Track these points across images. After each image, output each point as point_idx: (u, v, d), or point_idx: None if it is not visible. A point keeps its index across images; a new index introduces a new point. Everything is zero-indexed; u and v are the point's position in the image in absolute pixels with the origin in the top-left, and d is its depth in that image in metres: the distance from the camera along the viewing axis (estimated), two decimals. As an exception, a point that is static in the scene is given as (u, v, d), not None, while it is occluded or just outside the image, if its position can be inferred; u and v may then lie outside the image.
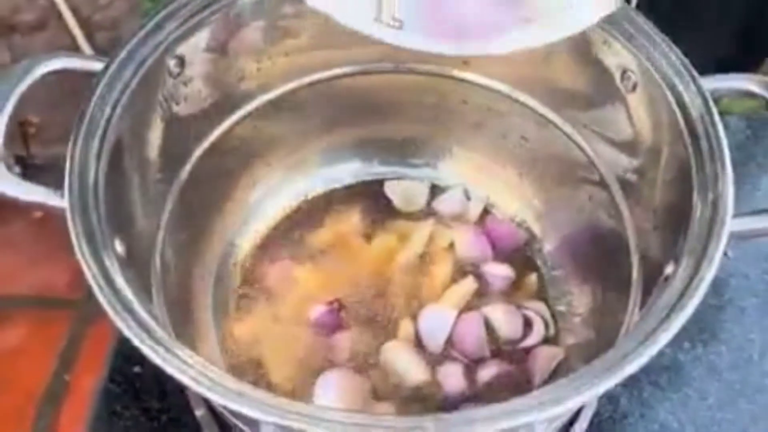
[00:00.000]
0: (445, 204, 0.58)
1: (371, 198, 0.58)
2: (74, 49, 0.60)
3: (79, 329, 0.57)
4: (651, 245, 0.43)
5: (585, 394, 0.31)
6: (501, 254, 0.55)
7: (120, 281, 0.36)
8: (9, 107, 0.40)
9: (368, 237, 0.56)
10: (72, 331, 0.56)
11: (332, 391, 0.48)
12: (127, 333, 0.34)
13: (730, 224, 0.36)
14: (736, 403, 0.52)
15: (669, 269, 0.37)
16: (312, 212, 0.58)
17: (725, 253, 0.35)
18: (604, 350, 0.34)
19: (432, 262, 0.55)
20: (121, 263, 0.37)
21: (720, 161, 0.38)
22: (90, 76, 0.42)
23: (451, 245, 0.55)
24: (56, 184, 0.38)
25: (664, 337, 0.32)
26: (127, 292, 0.36)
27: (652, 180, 0.43)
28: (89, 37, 0.60)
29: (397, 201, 0.58)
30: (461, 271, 0.54)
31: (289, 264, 0.55)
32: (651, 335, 0.32)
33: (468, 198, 0.58)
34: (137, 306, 0.35)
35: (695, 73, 0.41)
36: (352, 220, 0.57)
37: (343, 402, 0.47)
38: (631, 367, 0.32)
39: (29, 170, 0.58)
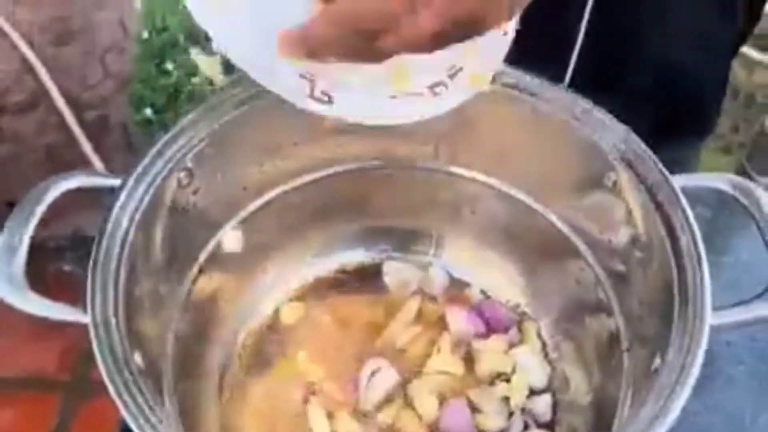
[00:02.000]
0: (438, 287, 0.60)
1: (368, 283, 0.61)
2: (63, 128, 0.61)
3: (69, 411, 0.58)
4: (640, 335, 0.46)
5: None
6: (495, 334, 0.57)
7: (140, 394, 0.38)
8: (30, 228, 0.42)
9: (365, 317, 0.58)
10: (63, 412, 0.58)
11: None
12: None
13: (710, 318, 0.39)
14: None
15: (657, 362, 0.39)
16: (312, 293, 0.60)
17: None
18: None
19: (420, 336, 0.57)
20: (140, 374, 0.39)
21: (697, 260, 0.41)
22: (101, 192, 0.45)
23: (439, 319, 0.57)
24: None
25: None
26: (145, 403, 0.38)
27: (637, 272, 0.46)
28: (78, 116, 0.62)
29: (390, 282, 0.60)
30: (455, 347, 0.56)
31: (289, 343, 0.57)
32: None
33: (461, 282, 0.60)
34: (155, 420, 0.37)
35: (665, 172, 0.44)
36: (350, 305, 0.59)
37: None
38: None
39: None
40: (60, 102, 0.61)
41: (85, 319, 0.40)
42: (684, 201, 0.43)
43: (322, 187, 0.57)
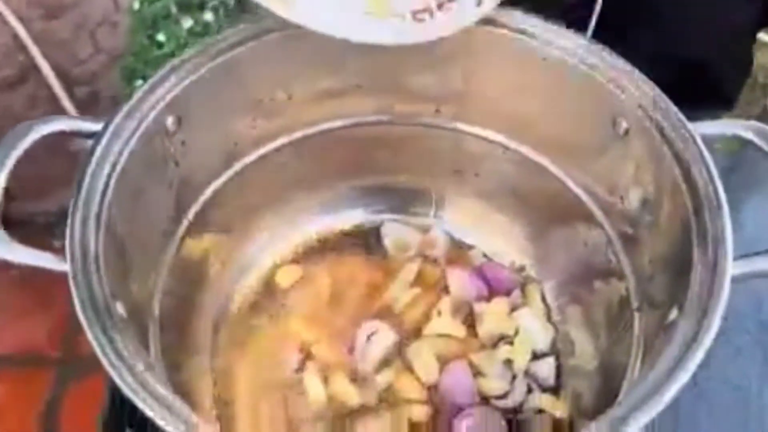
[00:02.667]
0: (439, 249, 0.58)
1: (367, 245, 0.59)
2: (54, 103, 0.60)
3: (61, 387, 0.56)
4: (651, 291, 0.43)
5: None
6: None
7: (122, 344, 0.36)
8: (5, 172, 0.40)
9: (363, 280, 0.56)
10: (54, 388, 0.56)
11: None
12: (138, 402, 0.33)
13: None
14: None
15: (672, 315, 0.37)
16: (309, 255, 0.58)
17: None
18: (609, 401, 0.33)
19: (420, 299, 0.55)
20: (123, 324, 0.37)
21: (717, 207, 0.38)
22: (81, 138, 0.43)
23: (439, 282, 0.55)
24: (32, 241, 0.38)
25: (674, 388, 0.32)
26: (131, 355, 0.35)
27: (650, 227, 0.44)
28: (69, 91, 0.60)
29: (389, 244, 0.58)
30: (456, 310, 0.54)
31: (284, 306, 0.55)
32: (659, 388, 0.32)
33: (463, 244, 0.58)
34: (143, 371, 0.35)
35: (683, 119, 0.42)
36: (348, 266, 0.57)
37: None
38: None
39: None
40: (50, 77, 0.59)
41: (66, 266, 0.37)
42: (702, 145, 0.40)
43: (319, 143, 0.55)
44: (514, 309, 0.54)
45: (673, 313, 0.37)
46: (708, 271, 0.36)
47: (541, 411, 0.50)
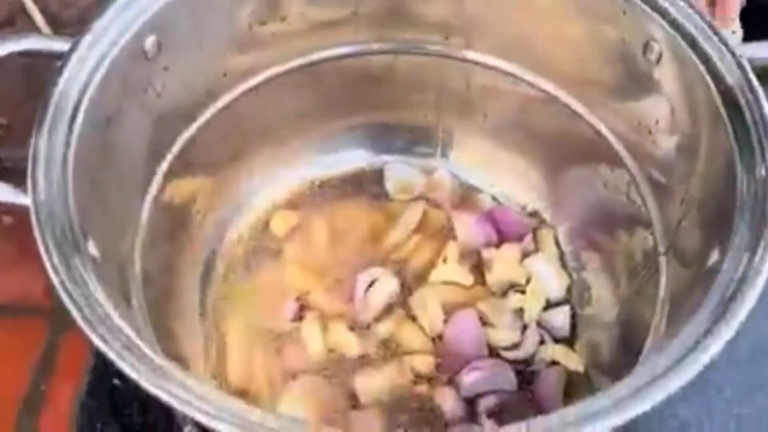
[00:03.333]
0: (444, 193, 0.55)
1: (368, 188, 0.55)
2: None
3: (55, 338, 0.54)
4: (681, 235, 0.39)
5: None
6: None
7: (93, 287, 0.32)
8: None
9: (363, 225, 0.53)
10: (48, 339, 0.54)
11: (306, 398, 0.45)
12: (102, 348, 0.30)
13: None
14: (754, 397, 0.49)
15: (713, 259, 0.33)
16: (306, 200, 0.55)
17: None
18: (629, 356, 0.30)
19: (424, 244, 0.52)
20: (96, 266, 0.33)
21: (764, 129, 0.34)
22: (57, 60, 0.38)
23: (445, 227, 0.52)
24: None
25: (726, 333, 0.28)
26: (102, 299, 0.32)
27: (684, 161, 0.40)
28: (57, 34, 0.57)
29: (391, 187, 0.55)
30: (463, 257, 0.51)
31: (279, 254, 0.52)
32: (709, 332, 0.28)
33: (471, 187, 0.55)
34: (114, 316, 0.31)
35: (728, 40, 0.37)
36: (347, 211, 0.54)
37: (318, 410, 0.44)
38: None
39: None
40: (39, 20, 0.56)
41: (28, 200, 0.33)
42: (750, 70, 0.35)
43: (315, 75, 0.50)
44: (525, 255, 0.51)
45: (714, 257, 0.33)
46: (757, 206, 0.32)
47: (554, 363, 0.47)
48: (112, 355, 0.29)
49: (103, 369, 0.49)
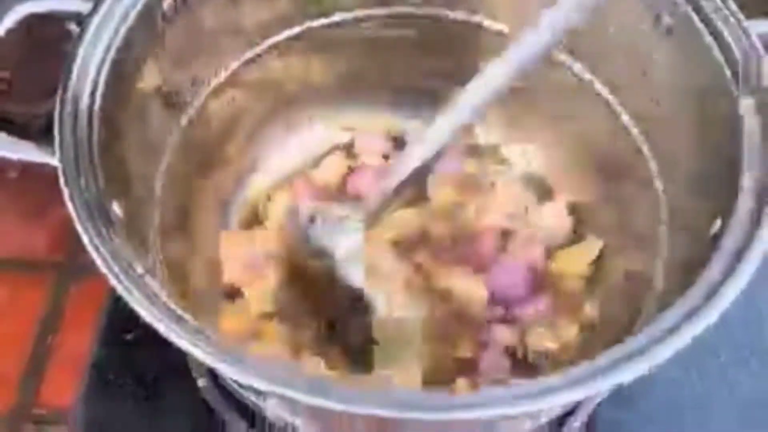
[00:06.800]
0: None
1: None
2: None
3: (61, 291, 0.55)
4: (685, 199, 0.41)
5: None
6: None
7: (118, 243, 0.33)
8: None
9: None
10: (54, 293, 0.55)
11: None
12: (132, 302, 0.31)
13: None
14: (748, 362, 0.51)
15: (716, 226, 0.34)
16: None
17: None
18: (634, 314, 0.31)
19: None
20: (119, 224, 0.34)
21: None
22: (66, 21, 0.39)
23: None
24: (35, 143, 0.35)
25: (725, 301, 0.29)
26: (128, 256, 0.33)
27: (689, 128, 0.40)
28: None
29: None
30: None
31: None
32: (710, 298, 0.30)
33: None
34: (141, 271, 0.32)
35: (740, 15, 0.38)
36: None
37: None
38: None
39: (5, 129, 0.55)
40: None
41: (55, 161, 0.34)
42: (758, 42, 0.36)
43: (343, 35, 0.50)
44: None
45: (716, 225, 0.34)
46: (760, 177, 0.33)
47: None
48: (143, 312, 0.30)
49: (117, 322, 0.50)
